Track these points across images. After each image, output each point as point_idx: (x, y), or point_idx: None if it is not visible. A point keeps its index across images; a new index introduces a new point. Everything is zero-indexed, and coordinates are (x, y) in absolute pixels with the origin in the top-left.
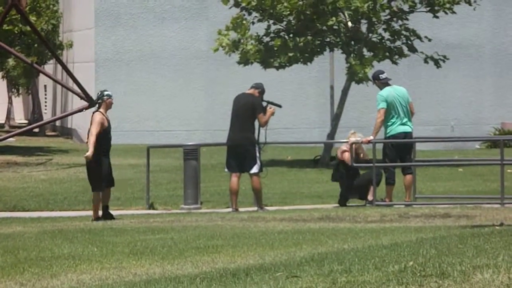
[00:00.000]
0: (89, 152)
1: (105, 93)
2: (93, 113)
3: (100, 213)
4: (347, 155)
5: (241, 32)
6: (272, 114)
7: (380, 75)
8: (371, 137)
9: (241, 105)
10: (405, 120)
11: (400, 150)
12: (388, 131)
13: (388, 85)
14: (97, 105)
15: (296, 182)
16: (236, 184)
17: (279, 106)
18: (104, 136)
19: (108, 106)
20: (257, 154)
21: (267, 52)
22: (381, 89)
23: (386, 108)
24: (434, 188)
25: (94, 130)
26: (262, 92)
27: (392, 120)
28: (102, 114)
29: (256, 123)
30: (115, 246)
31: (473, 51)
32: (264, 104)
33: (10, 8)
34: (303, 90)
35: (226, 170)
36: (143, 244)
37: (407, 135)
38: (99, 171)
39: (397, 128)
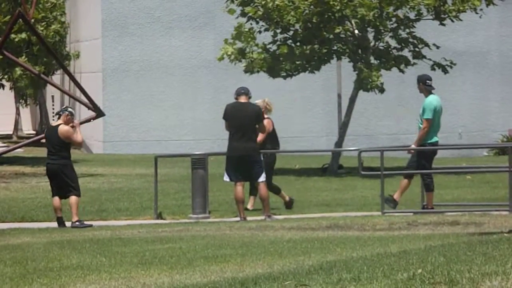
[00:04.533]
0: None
1: (68, 109)
2: (57, 126)
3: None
4: None
5: (245, 40)
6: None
7: (427, 81)
8: (413, 146)
9: (248, 115)
10: (439, 129)
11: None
12: (428, 139)
13: (431, 92)
14: (57, 117)
15: (304, 191)
16: (242, 193)
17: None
18: (68, 145)
19: (67, 121)
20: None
21: (274, 60)
22: (424, 94)
23: (432, 118)
24: (442, 196)
25: (79, 136)
26: (250, 97)
27: (433, 129)
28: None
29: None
30: (123, 256)
31: (480, 58)
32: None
33: (17, 18)
34: (311, 99)
35: (226, 179)
36: (151, 254)
37: (438, 143)
38: (64, 179)
39: (435, 137)
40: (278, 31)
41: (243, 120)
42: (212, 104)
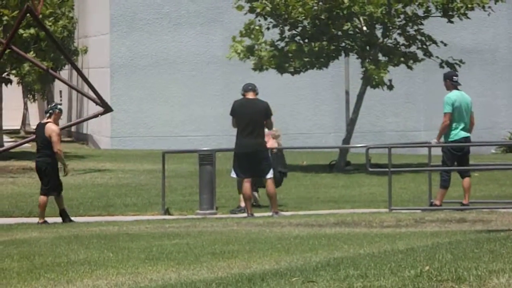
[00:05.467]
0: (68, 168)
1: (58, 106)
2: (45, 123)
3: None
4: None
5: (255, 38)
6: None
7: (454, 77)
8: (435, 141)
9: (256, 111)
10: (466, 126)
11: (459, 155)
12: (451, 135)
13: (457, 89)
14: (47, 116)
15: (312, 187)
16: (249, 190)
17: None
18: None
19: (57, 119)
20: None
21: (282, 57)
22: (449, 90)
23: (451, 112)
24: (449, 193)
25: (59, 145)
26: (257, 93)
27: (456, 125)
28: (55, 124)
29: None
30: (130, 252)
31: (489, 55)
32: None
33: (25, 13)
34: (319, 95)
35: (234, 176)
36: (158, 250)
37: (467, 139)
38: (57, 176)
39: (459, 133)
40: (286, 28)
41: (252, 116)
42: (220, 100)
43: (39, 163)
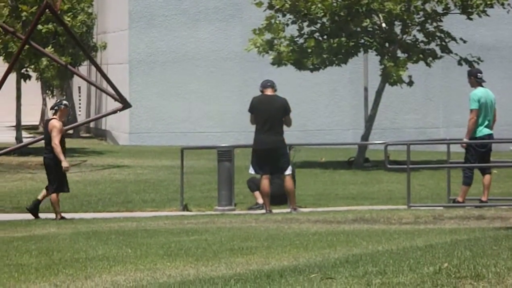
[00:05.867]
0: (66, 164)
1: (63, 102)
2: (50, 120)
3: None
4: None
5: (275, 32)
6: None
7: (478, 74)
8: (465, 139)
9: (275, 107)
10: (490, 123)
11: (482, 151)
12: (475, 132)
13: (481, 86)
14: (52, 112)
15: (330, 184)
16: (268, 186)
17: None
18: (62, 141)
19: (64, 115)
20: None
21: (301, 53)
22: (474, 87)
23: (478, 109)
24: (469, 190)
25: (57, 140)
26: (276, 90)
27: (480, 122)
28: (59, 121)
29: None
30: (149, 248)
31: (508, 52)
32: None
33: (44, 9)
34: (337, 92)
35: (252, 172)
36: (177, 246)
37: (490, 136)
38: (63, 174)
39: (483, 130)
40: (305, 24)
41: (271, 112)
42: (239, 96)
43: (46, 159)
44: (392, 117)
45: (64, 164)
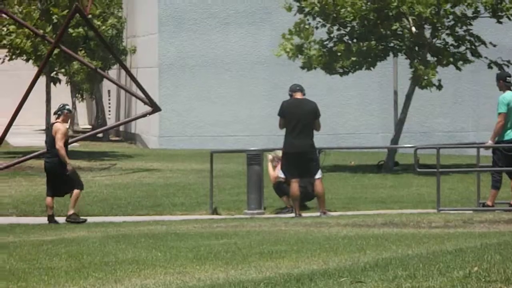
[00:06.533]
0: (69, 166)
1: (67, 107)
2: (54, 123)
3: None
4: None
5: (305, 37)
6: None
7: (507, 77)
8: (490, 142)
9: (306, 111)
10: None
11: (510, 155)
12: (502, 136)
13: (510, 89)
14: (55, 117)
15: (360, 188)
16: (298, 190)
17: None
18: (66, 144)
19: (66, 119)
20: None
21: (330, 57)
22: (503, 91)
23: (506, 112)
24: (498, 194)
25: (61, 143)
26: (305, 94)
27: (508, 125)
28: (63, 124)
29: None
30: (178, 251)
31: None
32: None
33: (74, 13)
34: (367, 95)
35: (281, 175)
36: (206, 249)
37: None
38: (75, 171)
39: (510, 133)
40: (335, 27)
41: (302, 116)
42: (268, 100)
43: (47, 164)
44: (421, 120)
45: (69, 167)
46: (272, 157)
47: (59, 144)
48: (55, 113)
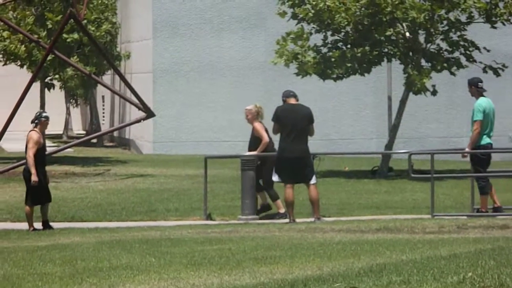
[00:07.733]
0: (34, 177)
1: (43, 114)
2: (30, 131)
3: (36, 224)
4: None
5: (302, 44)
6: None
7: (479, 83)
8: (467, 150)
9: (301, 116)
10: (492, 132)
11: (487, 160)
12: (479, 141)
13: (483, 95)
14: (33, 125)
15: (354, 193)
16: (292, 195)
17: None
18: (39, 152)
19: (44, 127)
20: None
21: (325, 63)
22: (475, 97)
23: (482, 120)
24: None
25: (31, 152)
26: (298, 100)
27: (484, 131)
28: (38, 133)
29: None
30: (173, 257)
31: None
32: None
33: (68, 18)
34: (361, 101)
35: (275, 179)
36: (201, 255)
37: (492, 146)
38: (39, 186)
39: (486, 138)
40: (329, 33)
41: (296, 121)
42: (262, 105)
43: (25, 171)
44: (415, 126)
45: (34, 177)
46: (254, 109)
47: (29, 153)
48: (32, 122)
